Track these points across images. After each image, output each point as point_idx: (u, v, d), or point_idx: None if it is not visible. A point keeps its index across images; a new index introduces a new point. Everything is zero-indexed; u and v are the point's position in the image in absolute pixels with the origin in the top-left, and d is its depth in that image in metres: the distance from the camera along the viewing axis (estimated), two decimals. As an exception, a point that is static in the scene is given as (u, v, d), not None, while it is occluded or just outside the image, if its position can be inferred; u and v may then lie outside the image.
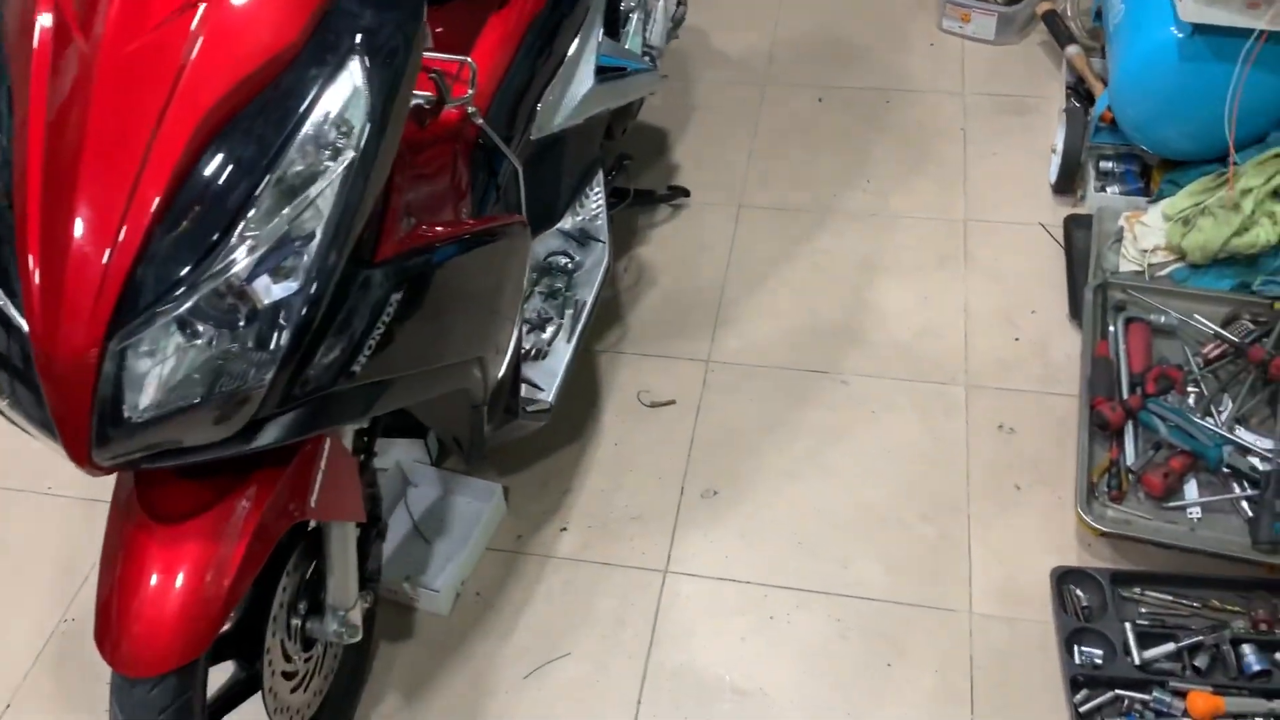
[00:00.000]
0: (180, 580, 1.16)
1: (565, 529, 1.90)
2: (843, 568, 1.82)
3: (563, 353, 1.83)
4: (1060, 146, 2.38)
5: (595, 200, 2.00)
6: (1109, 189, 2.32)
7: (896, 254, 2.36)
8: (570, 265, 1.95)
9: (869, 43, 2.95)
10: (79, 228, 1.03)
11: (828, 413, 2.06)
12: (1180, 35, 2.03)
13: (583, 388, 2.12)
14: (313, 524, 1.41)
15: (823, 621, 1.75)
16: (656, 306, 2.29)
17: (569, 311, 1.88)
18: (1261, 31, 1.91)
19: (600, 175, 2.03)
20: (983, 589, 1.77)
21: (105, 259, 1.02)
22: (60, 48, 1.08)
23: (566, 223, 1.99)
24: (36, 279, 1.03)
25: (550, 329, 1.86)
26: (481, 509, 1.88)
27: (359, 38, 1.10)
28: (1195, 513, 1.75)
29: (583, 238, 1.99)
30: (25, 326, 1.03)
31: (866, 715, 1.64)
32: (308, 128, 1.07)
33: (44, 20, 1.09)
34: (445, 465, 1.97)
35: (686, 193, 2.51)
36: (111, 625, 1.17)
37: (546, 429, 1.91)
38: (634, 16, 2.14)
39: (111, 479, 1.25)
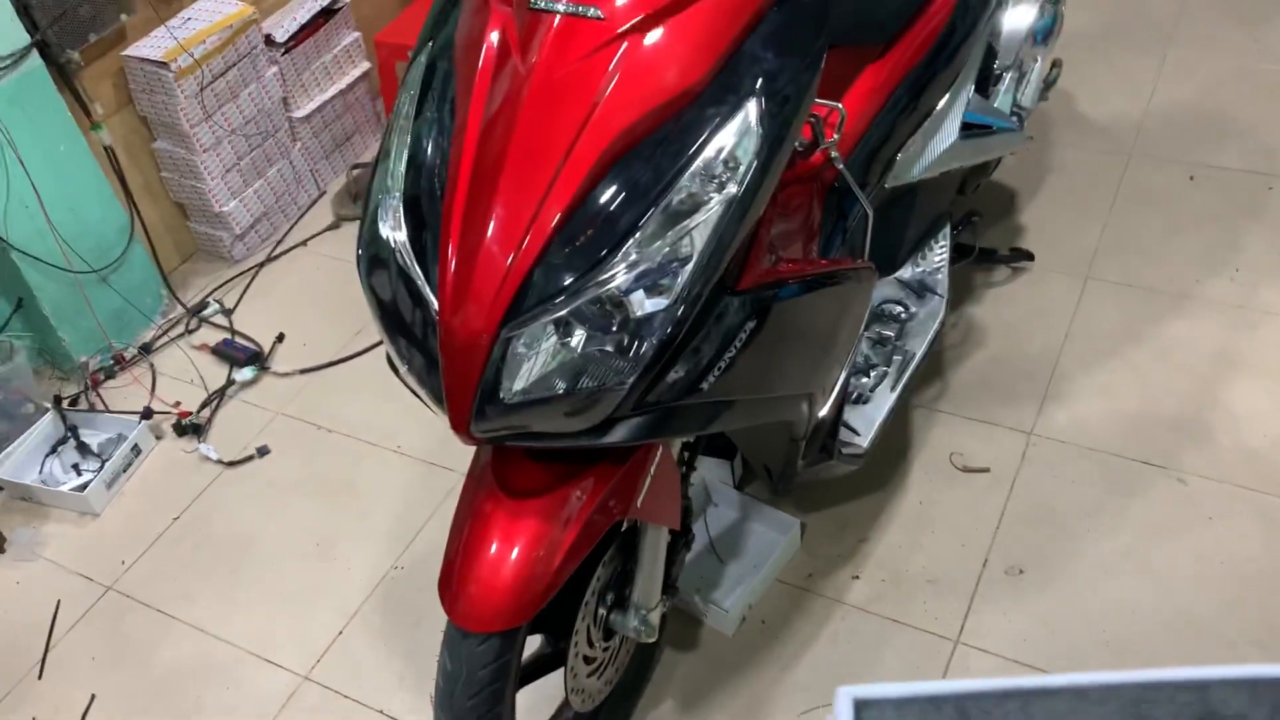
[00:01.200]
0: (517, 552, 1.28)
1: (857, 577, 1.90)
2: (1151, 677, 1.70)
3: (884, 401, 1.83)
4: None
5: (939, 253, 1.99)
6: None
7: (1260, 352, 2.17)
8: (904, 315, 1.95)
9: (1254, 123, 2.73)
10: (491, 228, 1.16)
11: (1157, 510, 1.93)
12: None
13: (895, 439, 2.10)
14: (626, 524, 1.50)
15: (1121, 729, 1.64)
16: (982, 368, 2.24)
17: (896, 360, 1.88)
18: None
19: (947, 229, 2.02)
20: (1316, 735, 1.60)
21: (509, 261, 1.15)
22: (500, 66, 1.23)
23: (906, 272, 1.98)
24: (452, 266, 1.17)
25: (875, 375, 1.86)
26: (777, 540, 1.91)
27: (760, 81, 1.16)
28: None
29: (920, 289, 1.98)
30: (435, 304, 1.18)
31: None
32: (699, 162, 1.15)
33: (492, 38, 1.24)
34: (746, 490, 2.02)
35: (1030, 256, 2.43)
36: (453, 580, 1.30)
37: (854, 473, 1.92)
38: (1007, 75, 2.10)
39: (453, 448, 1.38)
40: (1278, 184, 2.55)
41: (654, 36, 1.17)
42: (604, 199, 1.15)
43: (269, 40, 2.73)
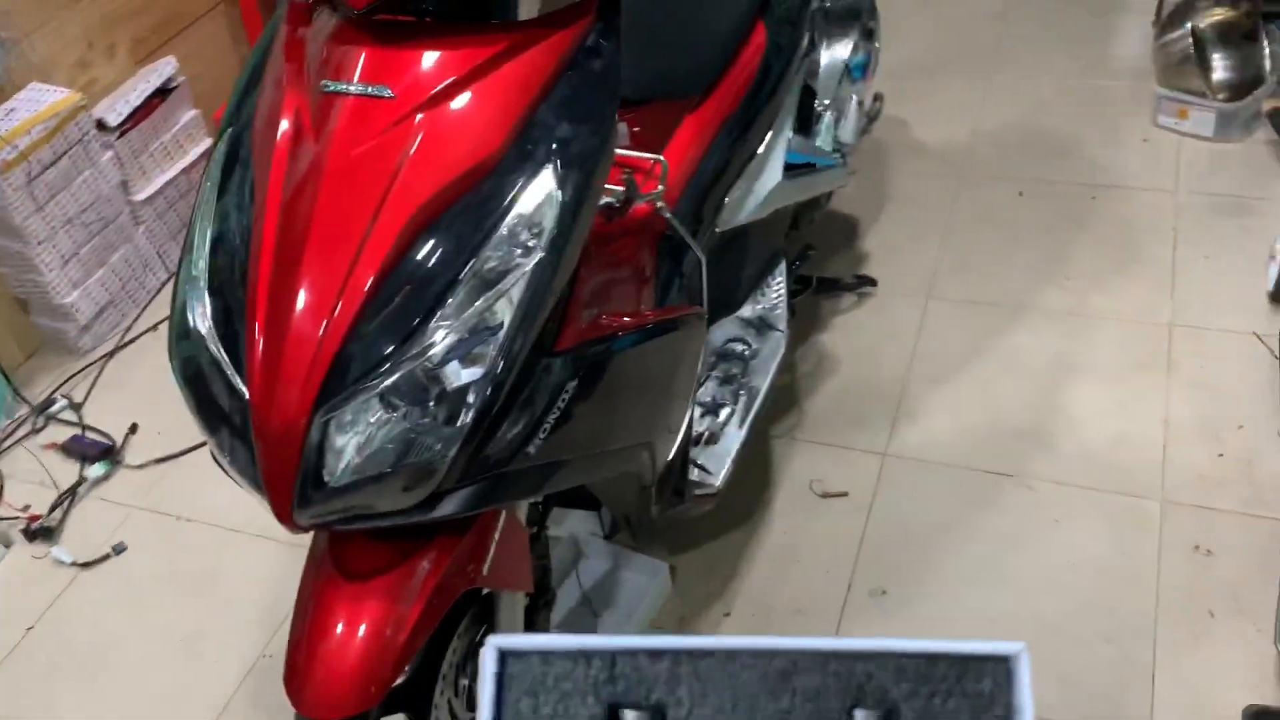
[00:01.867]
0: (361, 633, 1.26)
1: (728, 614, 1.92)
2: (1013, 682, 1.75)
3: (734, 438, 1.86)
4: (1280, 252, 2.24)
5: (776, 290, 2.04)
6: (1335, 300, 2.17)
7: (1093, 356, 2.28)
8: (747, 352, 1.99)
9: (1077, 136, 2.88)
10: (299, 304, 1.15)
11: (1009, 518, 2.00)
12: None
13: (756, 472, 2.14)
14: (485, 590, 1.49)
15: (987, 737, 1.69)
16: (835, 395, 2.30)
17: (743, 397, 1.92)
18: None
19: (783, 265, 2.07)
20: (1166, 719, 1.67)
21: (320, 334, 1.14)
22: (297, 146, 1.23)
23: (746, 310, 2.03)
24: (260, 350, 1.15)
25: (724, 414, 1.90)
26: (647, 586, 1.92)
27: (554, 147, 1.19)
28: None
29: (761, 326, 2.02)
30: (246, 393, 1.16)
31: (1028, 842, 1.56)
32: (504, 228, 1.17)
33: (285, 124, 1.24)
34: (616, 539, 2.02)
35: (873, 282, 2.51)
36: (298, 670, 1.27)
37: (718, 510, 1.94)
38: (827, 114, 2.18)
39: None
40: (1100, 194, 2.69)
41: (446, 111, 1.19)
42: (410, 270, 1.16)
43: (101, 125, 2.67)
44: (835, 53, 2.21)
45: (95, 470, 2.40)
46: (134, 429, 2.51)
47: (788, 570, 1.97)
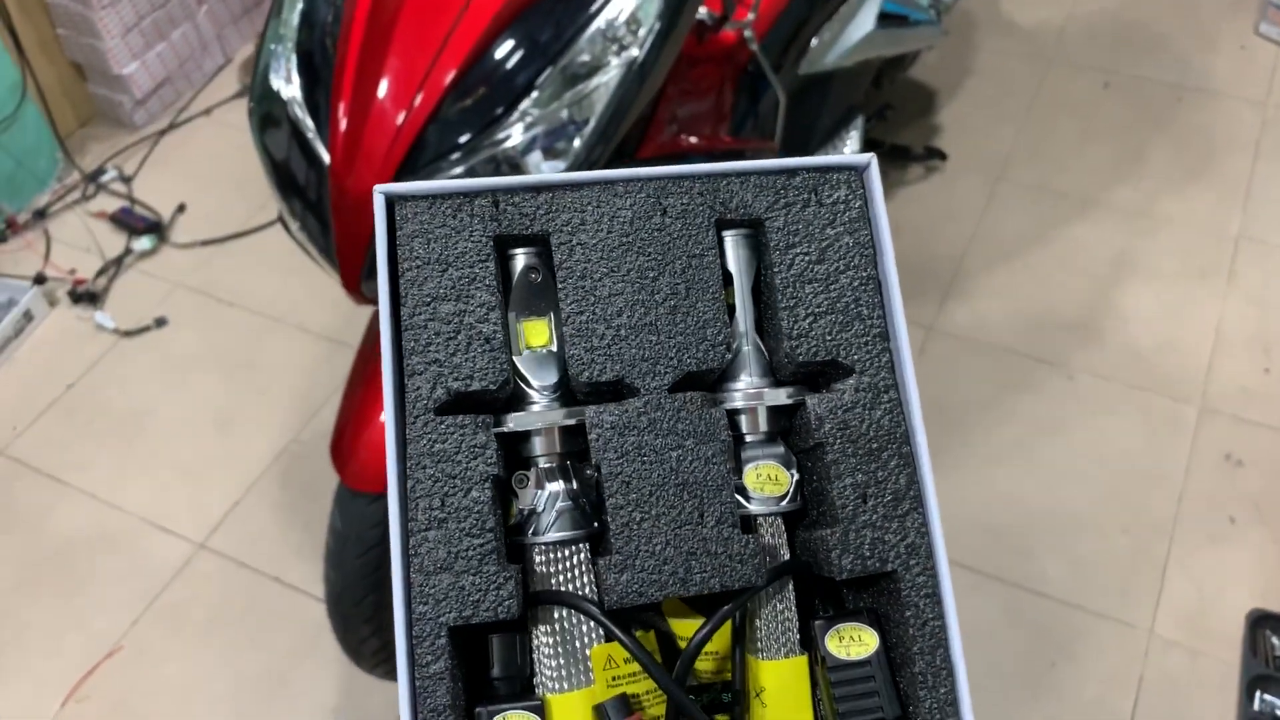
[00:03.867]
0: None
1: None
2: (1026, 559, 1.78)
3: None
4: (1368, 176, 2.17)
5: (849, 145, 1.99)
6: None
7: (1155, 258, 2.24)
8: (813, 205, 1.96)
9: (1173, 34, 2.76)
10: (385, 84, 1.13)
11: (1045, 405, 2.00)
12: None
13: (799, 329, 2.13)
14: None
15: (994, 607, 1.73)
16: (888, 265, 2.27)
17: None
18: None
19: (859, 120, 2.02)
20: (1170, 613, 1.70)
21: (402, 117, 1.12)
22: (398, -84, 1.18)
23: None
24: (344, 123, 1.14)
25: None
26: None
27: (663, -59, 1.14)
28: None
29: (830, 180, 1.98)
30: (327, 160, 1.15)
31: (1019, 706, 1.62)
32: (600, 21, 1.13)
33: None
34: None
35: (944, 156, 2.45)
36: (344, 443, 1.30)
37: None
38: (927, -33, 2.09)
39: (356, 325, 1.37)
40: (1187, 96, 2.59)
41: (559, -111, 1.14)
42: (500, 56, 1.13)
43: (172, -108, 2.58)
44: (943, -96, 2.10)
45: (142, 243, 2.41)
46: (182, 208, 2.51)
47: (818, 426, 1.99)
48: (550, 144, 1.13)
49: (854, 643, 0.69)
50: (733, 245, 0.74)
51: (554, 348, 0.72)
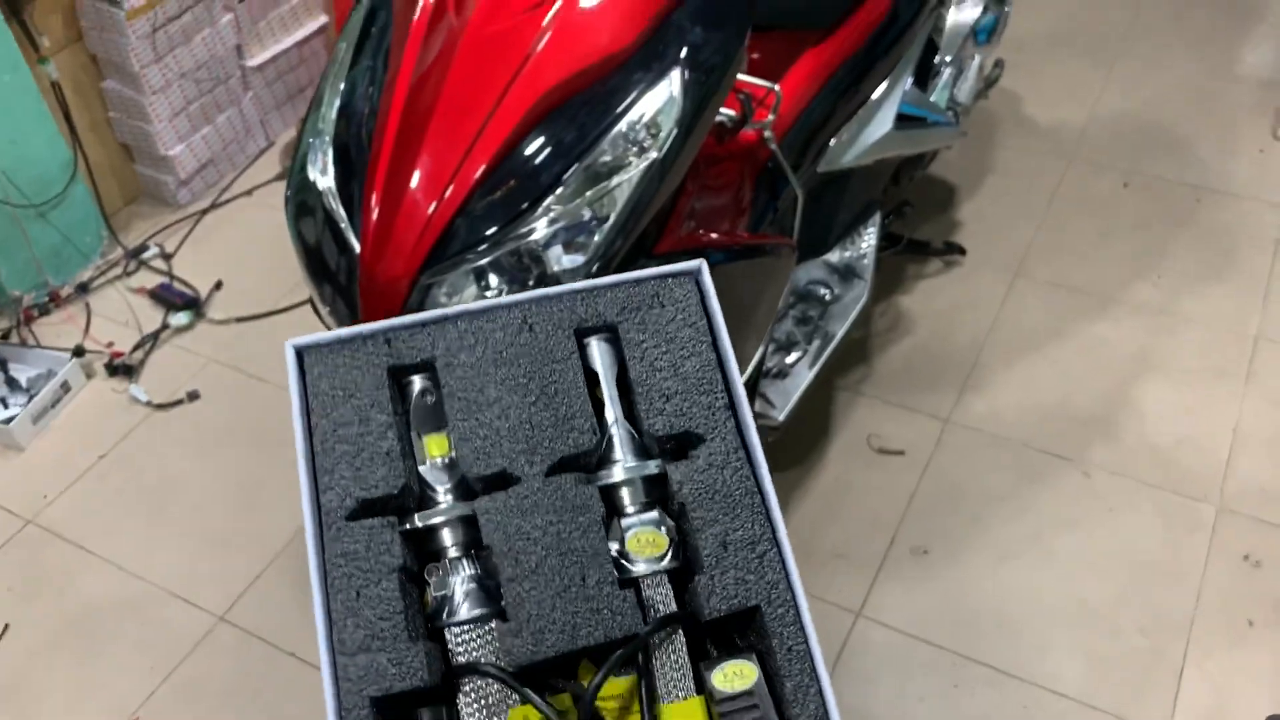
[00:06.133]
0: None
1: (770, 547, 1.95)
2: (1041, 657, 1.77)
3: (802, 377, 1.88)
4: (1386, 280, 2.19)
5: (867, 240, 2.04)
6: None
7: (1173, 356, 2.25)
8: (828, 296, 2.00)
9: (1192, 136, 2.81)
10: (416, 176, 1.19)
11: (1061, 500, 2.00)
12: None
13: (817, 418, 2.16)
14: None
15: (1008, 704, 1.72)
16: (906, 355, 2.30)
17: (817, 340, 1.93)
18: None
19: (877, 217, 2.07)
20: (1187, 717, 1.68)
21: (432, 209, 1.18)
22: (436, 21, 1.25)
23: (834, 255, 2.03)
24: (375, 212, 1.20)
25: (795, 353, 1.91)
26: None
27: (684, 51, 1.20)
28: None
29: (846, 273, 2.03)
30: (358, 248, 1.21)
31: (1032, 809, 1.60)
32: (623, 124, 1.19)
33: (427, -4, 1.27)
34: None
35: (962, 251, 2.49)
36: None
37: (771, 448, 1.97)
38: (946, 70, 2.16)
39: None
40: (1206, 197, 2.63)
41: (586, 1, 1.20)
42: (528, 154, 1.18)
43: (226, -14, 2.71)
44: (965, 11, 2.18)
45: (179, 319, 2.49)
46: (219, 286, 2.59)
47: (834, 515, 2.00)
48: (571, 238, 1.18)
49: (737, 677, 0.79)
50: (595, 348, 0.88)
51: (453, 454, 0.84)
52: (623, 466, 0.85)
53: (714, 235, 1.41)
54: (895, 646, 1.80)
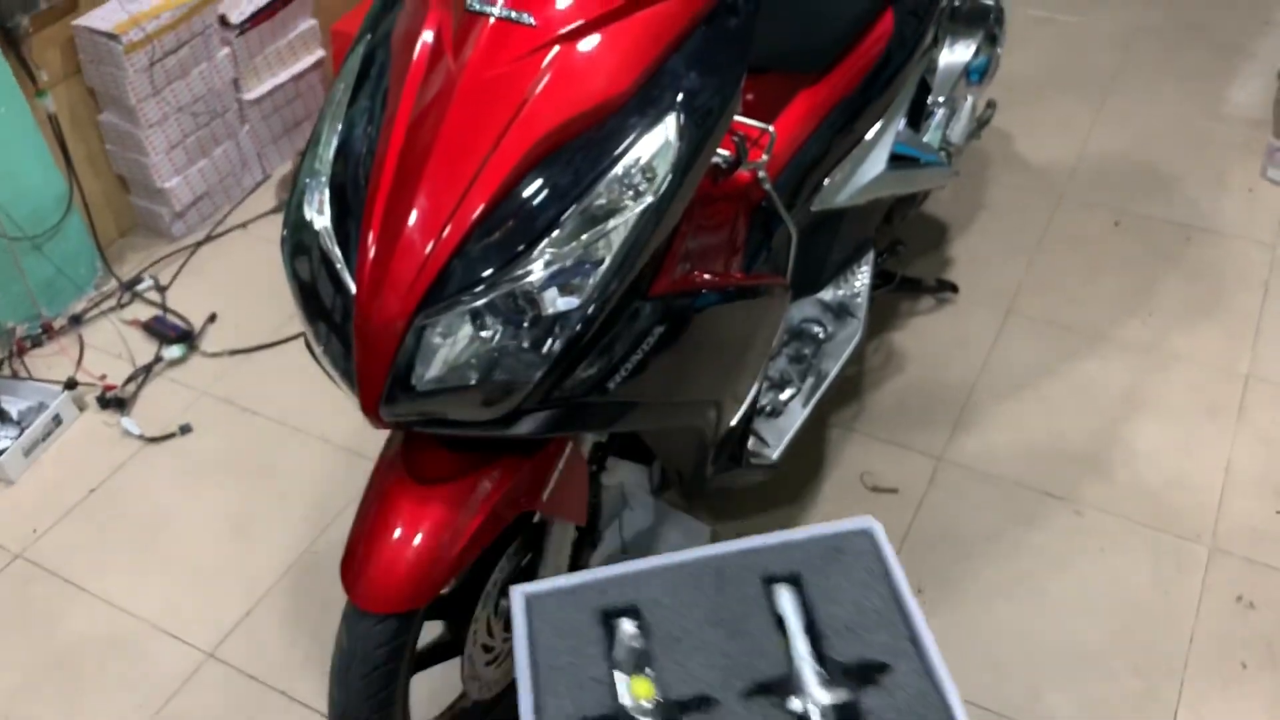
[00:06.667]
0: (420, 536, 1.30)
1: (763, 585, 1.95)
2: (1034, 698, 1.77)
3: (796, 415, 1.88)
4: (1374, 320, 2.21)
5: (860, 278, 2.05)
6: None
7: (1164, 394, 2.26)
8: (822, 335, 2.00)
9: (1182, 174, 2.84)
10: (413, 218, 1.20)
11: (1054, 539, 2.01)
12: None
13: (810, 456, 2.16)
14: (538, 518, 1.54)
15: (1001, 746, 1.71)
16: (899, 393, 2.30)
17: (811, 378, 1.93)
18: None
19: (870, 255, 2.08)
20: (1182, 761, 1.67)
21: (428, 250, 1.18)
22: (434, 63, 1.26)
23: (828, 294, 2.04)
24: (371, 252, 1.20)
25: (789, 391, 1.92)
26: (687, 545, 1.95)
27: (680, 96, 1.21)
28: None
29: (840, 311, 2.04)
30: (353, 289, 1.21)
31: None
32: (618, 168, 1.19)
33: (426, 36, 1.28)
34: (663, 497, 2.06)
35: (955, 288, 2.50)
36: (356, 561, 1.32)
37: (765, 486, 1.97)
38: (939, 111, 2.18)
39: (377, 437, 1.41)
40: (1196, 236, 2.65)
41: (583, 46, 1.21)
42: (524, 197, 1.19)
43: (224, 21, 2.73)
44: (957, 53, 2.20)
45: (172, 352, 2.48)
46: (213, 318, 2.59)
47: (827, 554, 1.99)
48: (567, 280, 1.19)
49: None
50: (783, 593, 1.02)
51: (659, 698, 0.96)
52: (813, 693, 0.95)
53: (709, 276, 1.42)
54: (888, 687, 1.79)
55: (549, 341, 1.19)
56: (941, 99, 2.18)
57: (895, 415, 2.25)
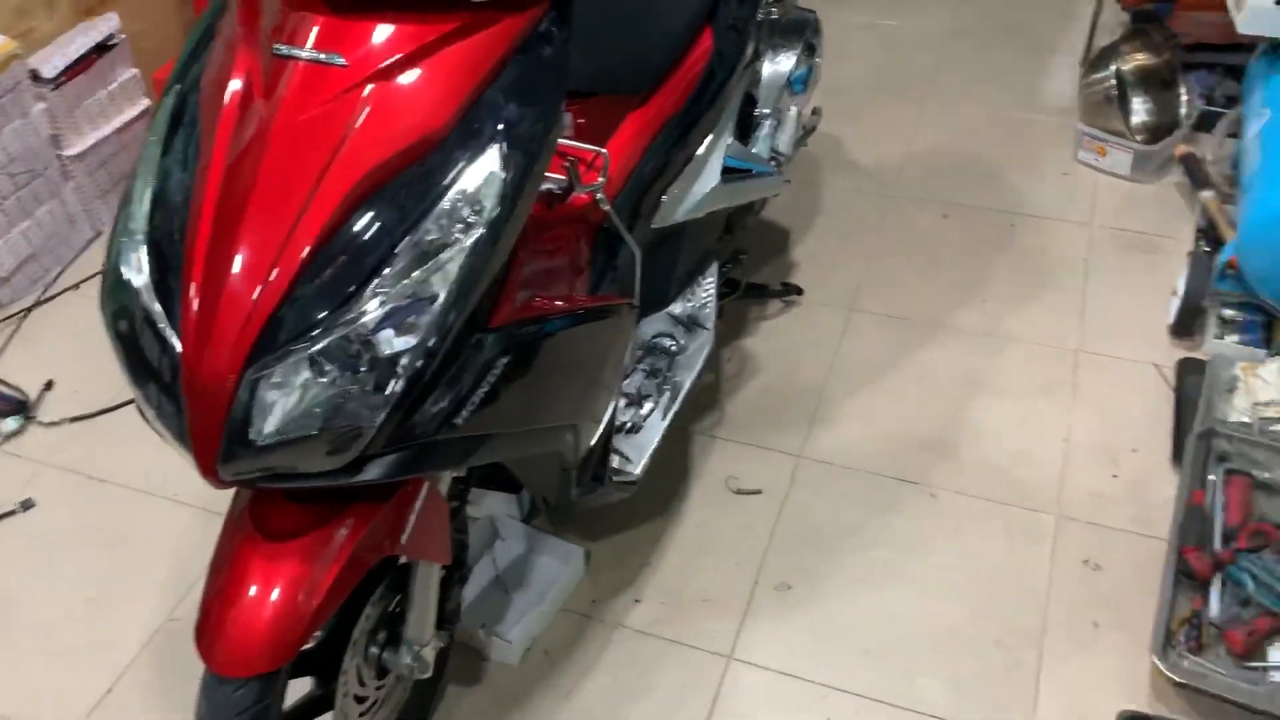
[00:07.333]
0: (276, 594, 1.27)
1: (639, 601, 1.96)
2: (907, 681, 1.83)
3: (655, 430, 1.91)
4: (1182, 289, 2.37)
5: (706, 290, 2.09)
6: (1228, 338, 2.30)
7: (1002, 375, 2.38)
8: (674, 348, 2.04)
9: (1001, 166, 2.99)
10: (236, 265, 1.17)
11: (912, 523, 2.08)
12: (1312, 193, 2.03)
13: (674, 466, 2.19)
14: (402, 560, 1.52)
15: (878, 730, 1.76)
16: (756, 397, 2.36)
17: (667, 391, 1.97)
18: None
19: (714, 266, 2.12)
20: (1046, 721, 1.76)
21: (254, 296, 1.16)
22: (246, 107, 1.24)
23: (676, 308, 2.08)
24: (195, 306, 1.17)
25: (647, 406, 1.94)
26: (561, 569, 1.96)
27: (500, 127, 1.22)
28: (1277, 676, 1.71)
29: (690, 323, 2.08)
30: (179, 347, 1.17)
31: (909, 831, 1.64)
32: (445, 202, 1.20)
33: (235, 84, 1.26)
34: (534, 523, 2.05)
35: (800, 291, 2.58)
36: (210, 626, 1.28)
37: (634, 501, 1.99)
38: (766, 123, 2.24)
39: (229, 492, 1.37)
40: (1019, 222, 2.80)
41: (397, 83, 1.21)
42: (351, 237, 1.18)
43: (35, 76, 2.62)
44: (778, 64, 2.28)
45: (7, 425, 2.36)
46: (49, 386, 2.47)
47: (698, 561, 2.03)
48: (402, 319, 1.18)
49: None
50: None
51: None
52: None
53: (554, 301, 1.43)
54: (766, 686, 1.83)
55: (390, 383, 1.18)
56: (767, 110, 2.25)
57: (754, 418, 2.31)
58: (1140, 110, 2.92)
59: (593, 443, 1.65)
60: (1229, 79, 2.95)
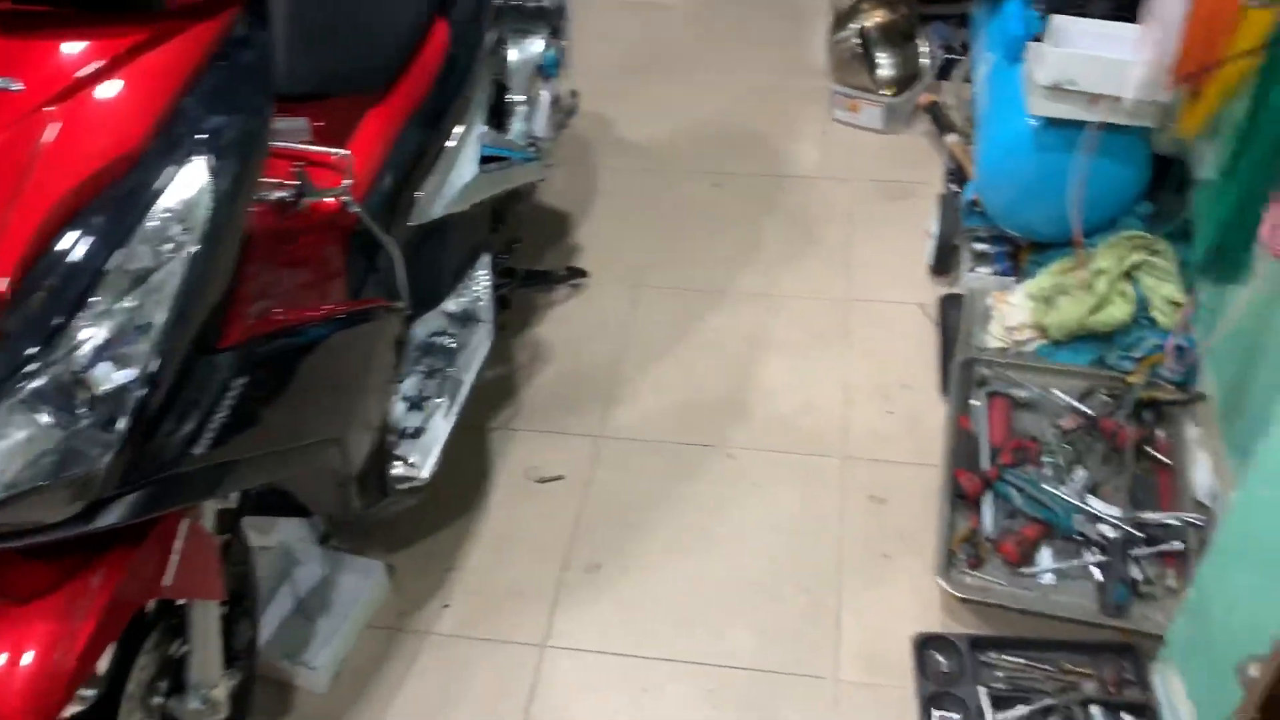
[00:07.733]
0: (27, 658, 1.18)
1: (448, 605, 1.94)
2: (717, 638, 1.87)
3: (440, 431, 1.88)
4: (936, 230, 2.50)
5: (480, 283, 2.08)
6: (980, 270, 2.44)
7: (783, 332, 2.45)
8: (453, 345, 2.01)
9: (766, 131, 3.08)
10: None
11: (712, 486, 2.13)
12: (1033, 127, 2.17)
13: (473, 465, 2.17)
14: (180, 601, 1.44)
15: (695, 692, 1.79)
16: (550, 384, 2.36)
17: (448, 390, 1.94)
18: (1097, 123, 2.05)
19: (487, 258, 2.11)
20: (850, 656, 1.83)
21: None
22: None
23: (451, 304, 2.05)
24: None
25: (430, 407, 1.91)
26: (363, 586, 1.91)
27: (203, 137, 1.17)
28: (1049, 578, 1.83)
29: (466, 319, 2.05)
30: None
31: (733, 784, 1.68)
32: (152, 220, 1.14)
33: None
34: (331, 544, 1.99)
35: (584, 273, 2.59)
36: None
37: (432, 506, 1.96)
38: (519, 108, 2.24)
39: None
40: (785, 183, 2.90)
41: (84, 102, 1.15)
42: (51, 269, 1.10)
43: None
44: (527, 50, 2.27)
45: None
46: None
47: (505, 556, 2.01)
48: (118, 350, 1.11)
49: None
50: None
51: None
52: None
53: (294, 314, 1.38)
54: (582, 668, 1.84)
55: (116, 419, 1.11)
56: (521, 96, 2.24)
57: (550, 405, 2.31)
58: (886, 65, 3.06)
59: (367, 452, 1.61)
60: (964, 28, 3.12)
